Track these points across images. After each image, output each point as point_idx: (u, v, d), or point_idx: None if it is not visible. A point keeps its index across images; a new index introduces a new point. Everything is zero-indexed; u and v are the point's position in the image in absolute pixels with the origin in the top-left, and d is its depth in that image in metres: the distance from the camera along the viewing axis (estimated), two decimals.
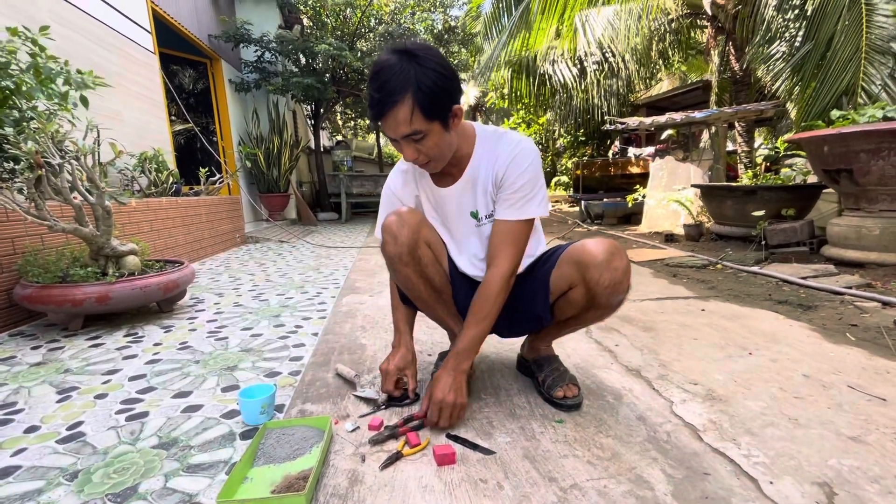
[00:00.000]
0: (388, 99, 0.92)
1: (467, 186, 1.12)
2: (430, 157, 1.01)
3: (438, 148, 1.00)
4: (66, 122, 2.27)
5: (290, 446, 0.96)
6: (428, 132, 0.96)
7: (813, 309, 1.98)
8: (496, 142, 1.09)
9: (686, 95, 8.63)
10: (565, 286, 1.11)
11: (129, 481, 0.89)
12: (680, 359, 1.49)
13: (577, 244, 1.10)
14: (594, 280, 1.04)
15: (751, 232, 3.30)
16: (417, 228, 1.12)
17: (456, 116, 1.00)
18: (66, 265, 1.94)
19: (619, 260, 1.04)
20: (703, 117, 4.38)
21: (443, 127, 0.98)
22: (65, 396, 1.28)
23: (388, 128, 0.97)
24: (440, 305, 1.27)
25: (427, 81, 0.92)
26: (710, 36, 5.93)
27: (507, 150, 1.06)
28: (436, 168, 1.06)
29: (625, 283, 1.06)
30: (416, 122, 0.94)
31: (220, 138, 6.56)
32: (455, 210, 1.16)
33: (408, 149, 1.00)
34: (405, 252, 1.11)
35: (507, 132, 1.11)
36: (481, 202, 1.12)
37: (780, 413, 1.12)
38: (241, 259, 3.90)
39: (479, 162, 1.10)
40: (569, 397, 1.16)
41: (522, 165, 1.05)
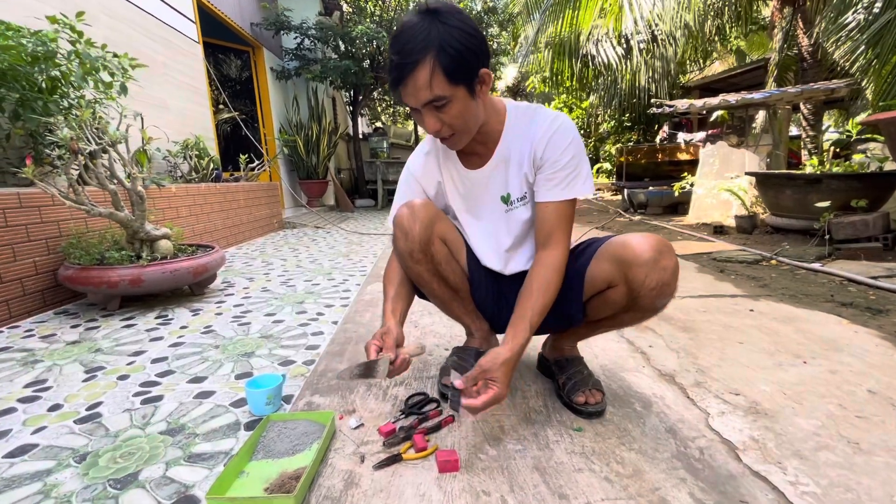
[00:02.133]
0: (408, 59, 0.84)
1: (499, 166, 1.03)
2: (454, 129, 0.92)
3: (463, 118, 0.91)
4: (111, 110, 2.36)
5: (290, 441, 0.93)
6: (451, 98, 0.87)
7: (884, 314, 1.75)
8: (531, 118, 1.01)
9: (745, 76, 7.97)
10: (603, 285, 1.00)
11: (132, 467, 0.90)
12: (721, 364, 1.34)
13: (618, 238, 0.99)
14: (639, 280, 0.93)
15: (813, 225, 3.00)
16: (431, 223, 1.05)
17: (483, 83, 0.91)
18: (105, 248, 2.02)
19: (667, 259, 0.93)
20: (763, 98, 4.00)
21: (468, 93, 0.89)
22: (91, 376, 1.32)
23: (409, 94, 0.88)
24: (456, 303, 1.19)
25: (451, 41, 0.83)
26: (776, 8, 5.40)
27: (544, 126, 0.98)
28: (459, 144, 0.97)
29: (673, 284, 0.96)
30: (438, 87, 0.85)
31: (261, 126, 6.74)
32: (484, 194, 1.07)
33: (430, 118, 0.90)
34: (417, 249, 1.04)
35: (541, 107, 1.02)
36: (514, 183, 1.03)
37: (838, 434, 0.98)
38: (276, 244, 3.99)
39: (511, 139, 1.01)
40: (591, 404, 1.06)
41: (564, 141, 0.97)
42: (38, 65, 2.02)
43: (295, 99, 7.21)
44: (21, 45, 1.92)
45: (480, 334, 1.26)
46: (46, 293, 2.02)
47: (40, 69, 2.04)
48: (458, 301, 1.19)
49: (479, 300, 1.19)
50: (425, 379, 1.26)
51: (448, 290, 1.14)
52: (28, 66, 1.96)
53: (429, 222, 1.04)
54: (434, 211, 1.08)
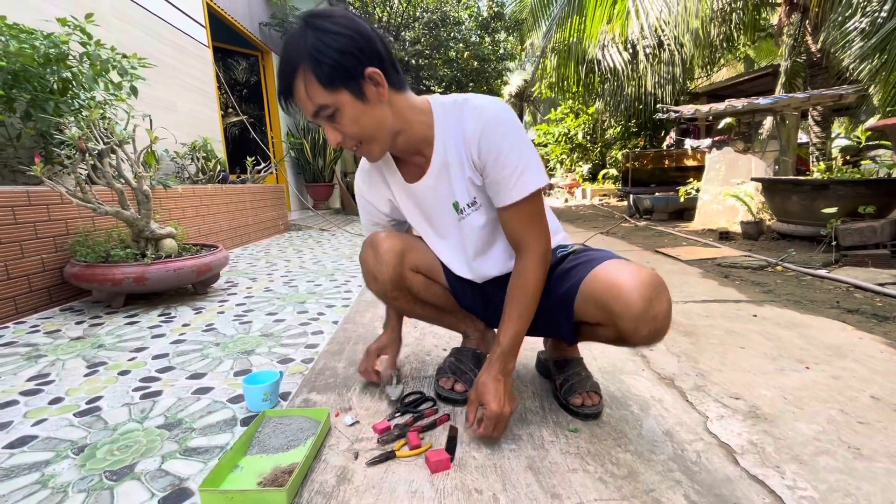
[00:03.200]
0: (285, 75, 0.80)
1: (441, 174, 0.94)
2: (356, 138, 0.85)
3: (359, 125, 0.83)
4: (120, 111, 2.40)
5: (285, 437, 0.94)
6: (337, 106, 0.80)
7: (890, 320, 1.73)
8: (458, 112, 0.90)
9: (753, 83, 7.95)
10: (592, 321, 0.95)
11: (128, 460, 0.90)
12: (722, 369, 1.33)
13: (600, 273, 0.89)
14: (628, 331, 0.86)
15: (819, 231, 2.96)
16: (398, 260, 1.01)
17: (373, 82, 0.81)
18: (111, 246, 2.05)
19: (659, 304, 0.83)
20: (770, 104, 3.97)
21: (355, 97, 0.80)
22: (93, 371, 1.34)
23: (301, 110, 0.83)
24: (446, 317, 1.20)
25: (320, 47, 0.77)
26: (783, 15, 5.38)
27: (472, 122, 0.87)
28: (375, 153, 0.89)
29: (666, 327, 0.87)
30: (316, 96, 0.79)
31: (269, 129, 6.81)
32: (435, 205, 0.99)
33: (328, 131, 0.85)
34: (389, 289, 1.03)
35: (469, 97, 0.91)
36: (460, 190, 0.95)
37: (839, 440, 0.96)
38: (280, 246, 4.02)
39: (445, 141, 0.91)
40: (587, 405, 1.04)
41: (498, 134, 0.86)
42: (50, 66, 2.06)
43: None
44: (34, 48, 1.96)
45: (476, 335, 1.26)
46: (53, 290, 2.05)
47: (52, 70, 2.08)
48: (448, 314, 1.19)
49: (468, 304, 1.17)
50: (422, 378, 1.26)
51: (434, 310, 1.14)
52: (40, 68, 2.00)
53: (395, 260, 1.01)
54: (399, 244, 1.03)
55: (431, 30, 7.16)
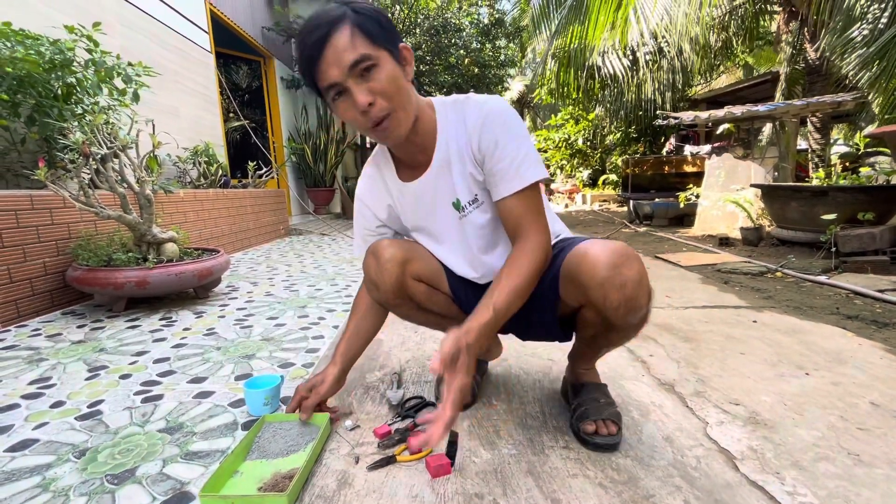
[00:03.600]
0: (322, 28, 0.78)
1: (442, 171, 0.94)
2: (388, 100, 0.81)
3: (396, 86, 0.81)
4: (124, 116, 2.42)
5: (285, 442, 0.94)
6: (378, 60, 0.79)
7: (890, 327, 1.73)
8: (460, 109, 0.92)
9: (752, 89, 7.99)
10: (574, 304, 0.93)
11: (129, 463, 0.91)
12: (722, 374, 1.33)
13: (575, 249, 0.88)
14: (599, 302, 0.84)
15: (819, 237, 2.97)
16: (400, 268, 0.99)
17: (406, 60, 0.85)
18: (113, 250, 2.06)
19: (627, 270, 0.81)
20: (768, 111, 4.00)
21: (393, 58, 0.81)
22: (94, 374, 1.34)
23: (330, 65, 0.78)
24: (449, 323, 1.19)
25: (363, 9, 0.80)
26: (782, 22, 5.42)
27: (474, 115, 0.89)
28: (398, 127, 0.84)
29: (640, 298, 0.83)
30: (360, 45, 0.78)
31: (270, 134, 6.84)
32: (433, 204, 0.98)
33: (359, 91, 0.79)
34: (391, 297, 1.02)
35: (470, 96, 0.93)
36: (461, 186, 0.94)
37: (838, 446, 0.97)
38: (281, 250, 4.03)
39: (447, 138, 0.92)
40: (601, 434, 0.95)
41: (497, 124, 0.87)
42: (56, 72, 2.08)
43: (304, 108, 7.33)
44: (40, 54, 1.98)
45: None
46: (55, 294, 2.05)
47: (57, 76, 2.10)
48: (450, 321, 1.18)
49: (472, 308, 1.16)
50: (423, 383, 1.27)
51: (437, 317, 1.12)
52: (45, 74, 2.02)
53: (396, 269, 0.99)
54: (401, 253, 1.00)
55: (432, 36, 7.21)
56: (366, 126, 0.84)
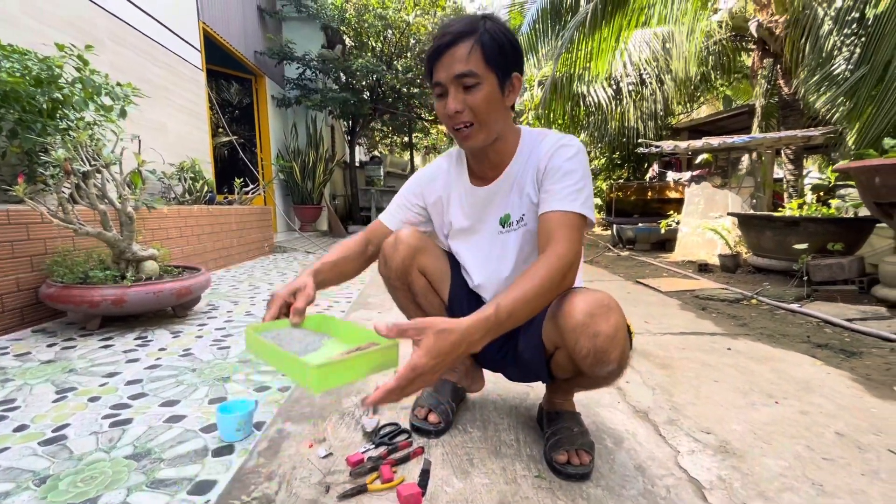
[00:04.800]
0: (452, 34, 0.88)
1: (504, 187, 1.02)
2: (475, 116, 0.90)
3: (487, 107, 0.90)
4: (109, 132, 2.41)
5: (300, 343, 0.82)
6: (482, 80, 0.88)
7: (857, 356, 1.79)
8: (540, 140, 1.00)
9: (731, 120, 8.29)
10: (551, 345, 0.96)
11: (92, 492, 0.88)
12: (695, 402, 1.36)
13: (562, 297, 0.89)
14: (571, 347, 0.86)
15: (792, 266, 3.07)
16: (412, 255, 1.06)
17: (513, 88, 0.94)
18: (90, 267, 2.02)
19: (603, 323, 0.82)
20: (743, 143, 4.16)
21: (498, 84, 0.91)
22: (61, 397, 1.31)
23: (442, 66, 0.89)
24: None
25: (494, 31, 0.89)
26: (756, 59, 5.69)
27: (550, 143, 0.97)
28: (475, 140, 0.93)
29: (611, 353, 0.83)
30: (473, 62, 0.87)
31: (259, 150, 6.86)
32: (484, 212, 1.06)
33: (455, 97, 0.89)
34: (394, 277, 1.08)
35: (553, 131, 1.02)
36: (515, 204, 1.02)
37: (803, 476, 0.99)
38: (265, 268, 3.99)
39: (521, 161, 1.01)
40: (572, 464, 0.96)
41: (568, 152, 0.94)
42: (42, 87, 2.08)
43: (294, 126, 7.38)
44: (27, 69, 1.98)
45: (461, 368, 1.25)
46: (26, 311, 2.00)
47: (43, 91, 2.10)
48: None
49: None
50: (398, 409, 1.26)
51: (424, 315, 1.14)
52: (31, 88, 2.02)
53: (408, 253, 1.06)
54: (417, 242, 1.07)
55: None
56: (451, 127, 0.94)
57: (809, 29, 4.26)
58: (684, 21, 5.43)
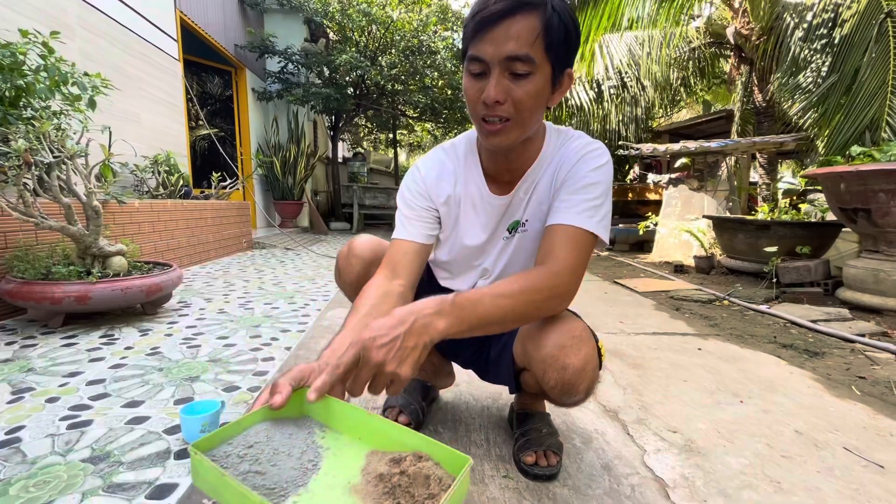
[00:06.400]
0: (510, 4, 0.69)
1: (521, 194, 0.90)
2: (517, 110, 0.74)
3: (533, 103, 0.74)
4: (76, 122, 2.32)
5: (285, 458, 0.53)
6: (537, 71, 0.72)
7: (819, 356, 1.85)
8: (566, 141, 0.89)
9: (710, 124, 8.48)
10: (519, 364, 0.93)
11: (44, 497, 0.85)
12: (664, 402, 1.38)
13: (537, 321, 0.84)
14: (539, 375, 0.83)
15: (763, 268, 3.16)
16: (365, 270, 0.97)
17: (563, 86, 0.79)
18: (53, 262, 1.95)
19: (573, 356, 0.78)
20: (719, 147, 4.26)
21: (551, 79, 0.75)
22: (17, 397, 1.26)
23: (492, 40, 0.70)
24: None
25: (562, 10, 0.72)
26: (733, 66, 5.83)
27: (577, 147, 0.86)
28: (507, 137, 0.78)
29: (579, 386, 0.80)
30: (533, 45, 0.70)
31: (239, 145, 6.72)
32: (499, 223, 0.94)
33: (496, 85, 0.71)
34: (350, 291, 1.01)
35: (580, 134, 0.90)
36: (527, 210, 0.91)
37: (762, 473, 1.02)
38: (242, 265, 3.92)
39: (543, 165, 0.88)
40: (540, 465, 0.96)
41: (594, 163, 0.83)
42: (3, 74, 1.99)
43: (275, 120, 7.25)
44: None
45: (430, 367, 1.25)
46: None
47: (4, 78, 2.01)
48: None
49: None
50: (371, 409, 1.25)
51: None
52: None
53: (361, 268, 0.98)
54: (372, 254, 0.99)
55: (407, 56, 7.33)
56: (478, 115, 0.77)
57: (782, 38, 4.39)
58: (658, 28, 5.54)
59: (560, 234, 0.79)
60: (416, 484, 0.47)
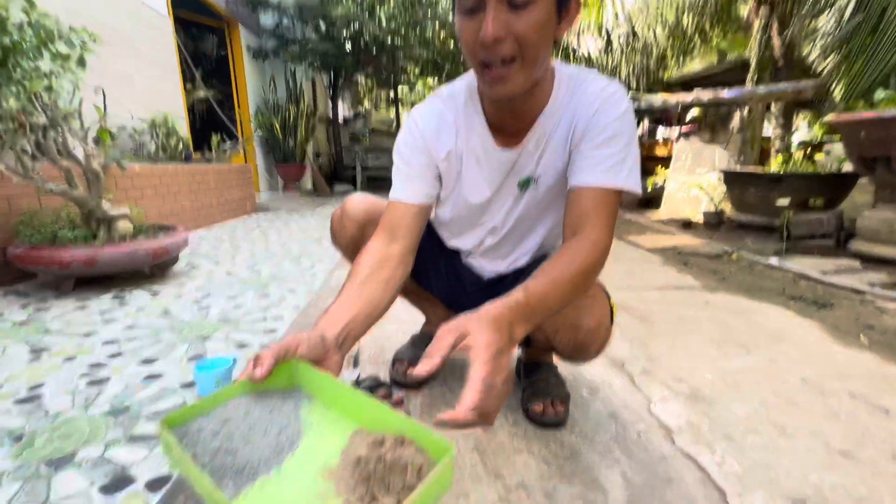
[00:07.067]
0: None
1: (532, 146, 0.83)
2: (521, 46, 0.65)
3: (539, 36, 0.65)
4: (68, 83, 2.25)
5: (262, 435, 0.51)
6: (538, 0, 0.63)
7: (828, 307, 1.84)
8: (580, 85, 0.80)
9: (724, 75, 8.12)
10: None
11: (68, 448, 0.88)
12: (670, 353, 1.39)
13: None
14: (550, 335, 0.83)
15: (774, 222, 3.10)
16: (360, 232, 0.96)
17: (570, 15, 0.69)
18: (59, 227, 1.95)
19: (586, 317, 0.78)
20: (733, 97, 4.08)
21: (556, 6, 0.66)
22: (36, 357, 1.29)
23: None
24: (408, 294, 1.19)
25: None
26: (752, 8, 5.49)
27: (594, 93, 0.78)
28: (514, 82, 0.69)
29: (591, 346, 0.82)
30: None
31: (237, 106, 6.55)
32: (507, 179, 0.87)
33: (494, 20, 0.62)
34: (347, 253, 1.01)
35: (592, 74, 0.81)
36: (539, 163, 0.84)
37: (767, 420, 1.03)
38: (247, 227, 3.92)
39: (555, 112, 0.80)
40: (548, 415, 0.97)
41: (615, 111, 0.76)
42: None
43: (272, 80, 7.03)
44: None
45: (437, 320, 1.27)
46: None
47: None
48: (409, 292, 1.19)
49: (432, 287, 1.13)
50: (380, 363, 1.27)
51: None
52: None
53: (356, 230, 0.97)
54: (366, 215, 0.97)
55: (406, 8, 6.98)
56: (477, 60, 0.68)
57: None
58: None
59: (590, 197, 0.74)
60: (393, 472, 0.45)
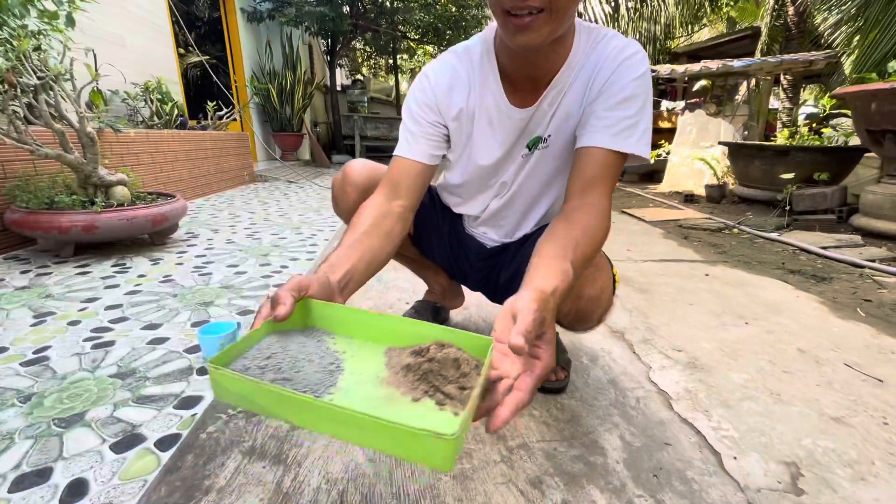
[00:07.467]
0: None
1: (547, 105, 0.80)
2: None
3: None
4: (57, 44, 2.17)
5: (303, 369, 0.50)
6: None
7: (827, 281, 1.85)
8: (598, 42, 0.77)
9: (733, 45, 7.89)
10: None
11: (78, 408, 0.90)
12: (670, 324, 1.41)
13: None
14: None
15: (776, 196, 3.08)
16: (359, 199, 0.91)
17: None
18: (56, 192, 1.92)
19: (588, 286, 0.78)
20: (743, 66, 3.98)
21: None
22: (40, 321, 1.29)
23: None
24: (409, 262, 1.19)
25: None
26: None
27: (613, 51, 0.76)
28: (538, 35, 0.65)
29: (593, 314, 0.81)
30: None
31: (232, 72, 6.37)
32: (518, 139, 0.85)
33: None
34: (346, 218, 0.99)
35: (612, 34, 0.79)
36: (550, 123, 0.82)
37: (763, 387, 1.05)
38: (245, 197, 3.88)
39: (573, 70, 0.77)
40: (550, 380, 0.98)
41: (632, 77, 0.74)
42: None
43: (268, 44, 6.81)
44: None
45: (438, 288, 1.28)
46: None
47: None
48: (410, 260, 1.19)
49: (433, 256, 1.13)
50: None
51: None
52: None
53: (357, 196, 0.95)
54: (367, 180, 0.96)
55: None
56: (502, 7, 0.63)
57: None
58: None
59: (599, 159, 0.72)
60: (446, 367, 0.47)
